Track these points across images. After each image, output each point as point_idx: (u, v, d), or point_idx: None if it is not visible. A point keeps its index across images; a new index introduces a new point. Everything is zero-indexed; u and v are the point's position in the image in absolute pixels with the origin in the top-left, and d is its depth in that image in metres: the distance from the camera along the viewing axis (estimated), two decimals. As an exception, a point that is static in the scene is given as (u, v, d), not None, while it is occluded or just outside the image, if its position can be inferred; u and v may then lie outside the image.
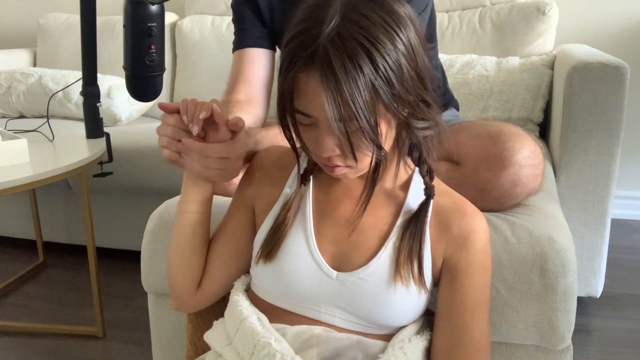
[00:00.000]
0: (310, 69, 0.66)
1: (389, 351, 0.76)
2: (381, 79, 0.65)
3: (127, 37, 1.25)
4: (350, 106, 0.64)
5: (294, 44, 0.67)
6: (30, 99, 2.25)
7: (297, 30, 0.68)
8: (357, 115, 0.65)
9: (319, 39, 0.65)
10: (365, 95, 0.64)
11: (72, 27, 2.59)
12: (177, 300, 0.91)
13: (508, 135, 0.94)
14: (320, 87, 0.65)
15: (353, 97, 0.64)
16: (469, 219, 0.79)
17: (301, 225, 0.80)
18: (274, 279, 0.80)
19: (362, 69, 0.64)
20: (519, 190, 0.94)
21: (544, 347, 0.93)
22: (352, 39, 0.64)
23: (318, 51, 0.65)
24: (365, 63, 0.64)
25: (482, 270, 0.79)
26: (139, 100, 1.37)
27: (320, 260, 0.78)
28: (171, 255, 0.89)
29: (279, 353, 0.73)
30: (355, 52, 0.64)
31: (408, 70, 0.67)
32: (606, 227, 1.55)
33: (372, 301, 0.76)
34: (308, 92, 0.67)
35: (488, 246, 0.81)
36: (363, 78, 0.64)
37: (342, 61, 0.63)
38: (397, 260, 0.76)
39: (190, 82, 2.44)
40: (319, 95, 0.66)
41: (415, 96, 0.69)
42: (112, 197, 2.06)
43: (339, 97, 0.64)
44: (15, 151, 1.45)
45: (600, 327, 1.63)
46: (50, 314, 1.81)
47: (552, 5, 2.00)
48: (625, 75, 1.41)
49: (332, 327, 0.78)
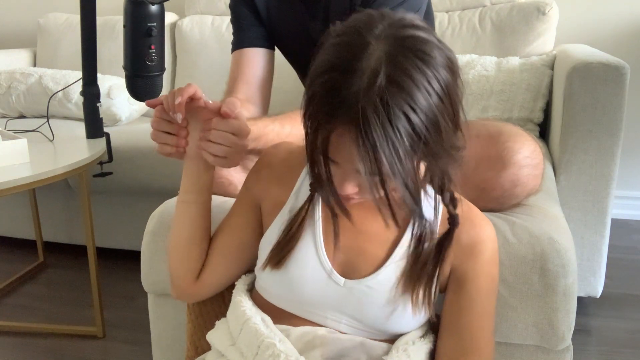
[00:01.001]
0: (347, 126, 0.63)
1: (393, 353, 0.75)
2: (419, 140, 0.63)
3: (127, 37, 1.25)
4: (385, 167, 0.62)
5: (331, 94, 0.63)
6: (30, 99, 2.25)
7: (332, 77, 0.63)
8: (393, 177, 0.63)
9: (359, 98, 0.61)
10: (404, 159, 0.62)
11: (72, 27, 2.59)
12: (176, 289, 0.92)
13: (508, 135, 0.94)
14: (354, 145, 0.62)
15: (390, 161, 0.62)
16: (478, 229, 0.79)
17: (310, 230, 0.80)
18: (281, 284, 0.79)
19: (402, 135, 0.61)
20: (518, 190, 0.94)
21: (544, 347, 0.93)
22: (395, 106, 0.61)
23: (359, 111, 0.61)
24: (405, 128, 0.61)
25: (489, 280, 0.79)
26: (139, 100, 1.37)
27: (328, 267, 0.78)
28: (171, 243, 0.89)
29: (283, 354, 0.73)
30: (397, 120, 0.61)
31: (445, 124, 0.65)
32: (606, 227, 1.55)
33: (378, 309, 0.76)
34: (340, 145, 0.65)
35: (496, 255, 0.80)
36: (403, 144, 0.62)
37: (383, 127, 0.61)
38: (409, 274, 0.76)
39: (190, 82, 2.44)
40: (351, 151, 0.63)
41: (449, 144, 0.67)
42: (112, 197, 2.06)
43: (374, 158, 0.62)
44: (15, 151, 1.45)
45: (600, 327, 1.63)
46: (50, 314, 1.81)
47: (552, 5, 2.00)
48: (625, 75, 1.41)
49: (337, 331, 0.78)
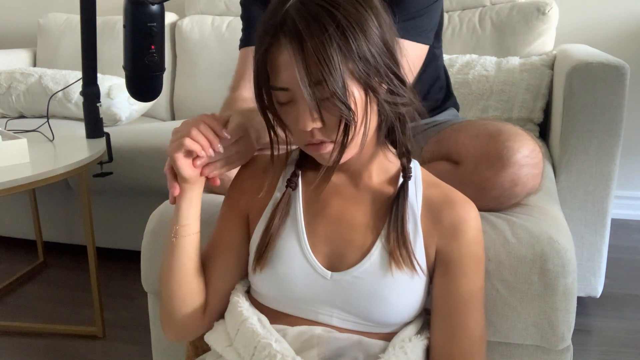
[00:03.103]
0: (279, 41, 0.69)
1: (390, 351, 0.76)
2: (346, 39, 0.67)
3: (127, 37, 1.25)
4: (319, 67, 0.66)
5: (262, 25, 0.72)
6: (30, 99, 2.25)
7: (265, 16, 0.72)
8: (326, 77, 0.66)
9: (284, 11, 0.69)
10: (333, 55, 0.66)
11: (72, 27, 2.59)
12: (181, 330, 0.86)
13: (507, 135, 0.94)
14: (291, 55, 0.68)
15: (320, 57, 0.66)
16: (459, 209, 0.79)
17: (293, 228, 0.80)
18: (270, 284, 0.80)
19: (326, 29, 0.66)
20: (518, 189, 0.94)
21: (544, 347, 0.93)
22: (314, 3, 0.68)
23: (285, 22, 0.68)
24: (329, 24, 0.66)
25: (474, 260, 0.79)
26: (139, 100, 1.37)
27: (314, 261, 0.78)
28: (173, 283, 0.83)
29: (280, 354, 0.73)
30: (319, 14, 0.67)
31: (375, 37, 0.69)
32: (606, 227, 1.55)
33: (367, 298, 0.76)
34: (280, 65, 0.70)
35: (480, 235, 0.80)
36: (328, 38, 0.66)
37: (306, 23, 0.67)
38: (388, 250, 0.76)
39: (190, 82, 2.44)
40: (291, 65, 0.68)
41: (385, 66, 0.71)
42: (112, 197, 2.06)
43: (308, 59, 0.66)
44: (15, 151, 1.45)
45: (600, 327, 1.63)
46: (50, 314, 1.81)
47: (552, 5, 2.01)
48: (625, 75, 1.41)
49: (331, 327, 0.78)
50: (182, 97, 2.49)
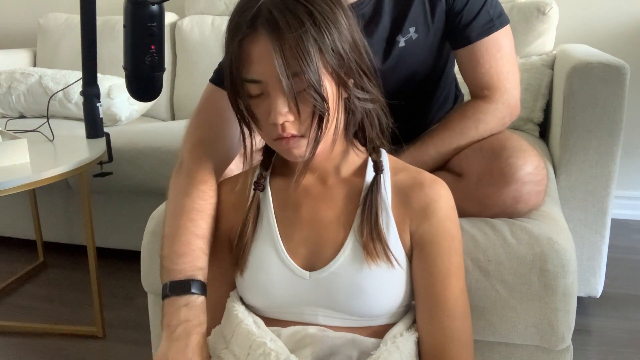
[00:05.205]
0: (255, 32, 0.70)
1: (382, 347, 0.76)
2: (321, 33, 0.69)
3: (127, 37, 1.25)
4: (297, 59, 0.68)
5: (235, 17, 0.73)
6: (30, 99, 2.25)
7: (238, 7, 0.74)
8: (304, 68, 0.68)
9: (260, 3, 0.70)
10: (310, 48, 0.68)
11: (72, 27, 2.59)
12: None
13: (511, 151, 0.91)
14: (267, 47, 0.69)
15: (298, 50, 0.68)
16: (428, 190, 0.79)
17: (267, 234, 0.81)
18: (252, 293, 0.81)
19: (304, 23, 0.68)
20: (520, 207, 0.93)
21: (543, 347, 0.93)
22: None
23: (261, 13, 0.69)
24: (306, 18, 0.68)
25: (447, 238, 0.79)
26: (139, 100, 1.37)
27: (291, 264, 0.79)
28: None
29: (274, 352, 0.74)
30: (296, 8, 0.69)
31: (346, 33, 0.72)
32: (606, 227, 1.55)
33: (346, 292, 0.77)
34: (255, 57, 0.71)
35: (452, 213, 0.80)
36: (305, 32, 0.68)
37: (285, 17, 0.68)
38: (361, 243, 0.77)
39: (190, 82, 2.44)
40: (266, 56, 0.69)
41: (354, 62, 0.74)
42: (112, 197, 2.06)
43: (286, 50, 0.68)
44: (15, 151, 1.45)
45: (600, 327, 1.62)
46: (50, 314, 1.81)
47: (552, 5, 2.00)
48: (625, 75, 1.41)
49: (323, 326, 0.79)
50: (182, 97, 2.48)
